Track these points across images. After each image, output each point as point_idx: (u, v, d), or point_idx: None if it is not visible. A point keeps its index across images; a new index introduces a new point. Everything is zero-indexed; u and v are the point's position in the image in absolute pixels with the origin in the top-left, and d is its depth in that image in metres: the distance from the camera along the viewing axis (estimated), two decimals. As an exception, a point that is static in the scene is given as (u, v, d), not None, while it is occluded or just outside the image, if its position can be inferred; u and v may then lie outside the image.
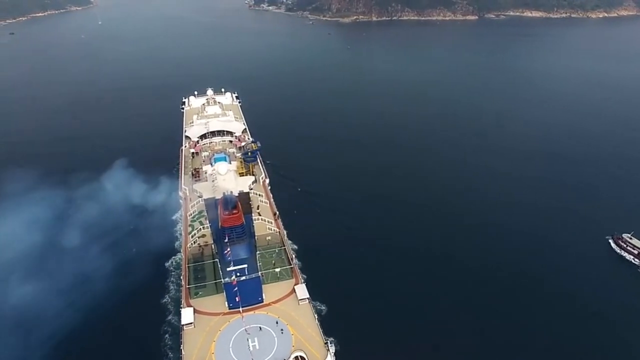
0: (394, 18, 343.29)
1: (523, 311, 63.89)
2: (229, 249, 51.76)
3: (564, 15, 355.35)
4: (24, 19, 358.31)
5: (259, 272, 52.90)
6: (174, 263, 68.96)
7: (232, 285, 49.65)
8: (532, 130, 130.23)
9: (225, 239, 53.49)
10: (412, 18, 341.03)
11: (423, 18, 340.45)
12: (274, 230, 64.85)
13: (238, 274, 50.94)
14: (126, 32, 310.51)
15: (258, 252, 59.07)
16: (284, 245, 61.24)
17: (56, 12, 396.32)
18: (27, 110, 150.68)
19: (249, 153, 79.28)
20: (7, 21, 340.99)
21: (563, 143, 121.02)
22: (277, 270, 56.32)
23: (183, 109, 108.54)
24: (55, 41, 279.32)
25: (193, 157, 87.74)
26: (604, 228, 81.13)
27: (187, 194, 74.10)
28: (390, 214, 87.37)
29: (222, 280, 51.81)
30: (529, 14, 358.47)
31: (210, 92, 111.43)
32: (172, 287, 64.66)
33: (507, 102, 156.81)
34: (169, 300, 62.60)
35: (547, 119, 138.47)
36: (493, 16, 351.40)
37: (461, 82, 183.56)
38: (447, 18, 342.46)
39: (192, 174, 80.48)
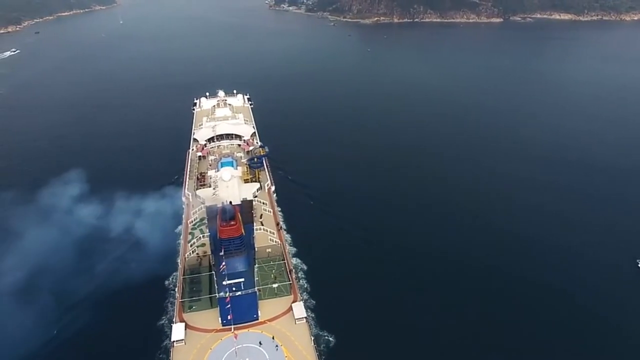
0: (416, 20, 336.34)
1: (539, 325, 60.48)
2: (224, 263, 48.84)
3: (595, 18, 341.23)
4: (50, 18, 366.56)
5: (256, 288, 50.16)
6: (173, 280, 63.35)
7: (226, 300, 46.97)
8: (563, 137, 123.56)
9: (221, 251, 50.66)
10: (435, 20, 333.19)
11: (446, 20, 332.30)
12: (275, 241, 61.92)
13: (234, 289, 48.25)
14: (146, 31, 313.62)
15: (257, 264, 56.14)
16: (285, 259, 58.25)
17: (81, 11, 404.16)
18: (31, 111, 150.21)
19: (255, 159, 76.63)
20: (35, 20, 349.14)
21: (595, 152, 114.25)
22: (275, 285, 53.41)
23: (194, 110, 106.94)
24: (76, 40, 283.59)
25: (200, 160, 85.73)
26: (635, 248, 75.04)
27: (190, 200, 71.97)
28: (412, 229, 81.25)
29: (217, 294, 49.20)
30: (557, 17, 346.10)
31: (221, 93, 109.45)
32: (170, 307, 59.70)
33: (535, 108, 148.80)
34: (167, 322, 57.75)
35: (579, 126, 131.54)
36: (519, 19, 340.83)
37: (483, 86, 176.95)
38: (471, 20, 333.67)
39: (198, 178, 78.34)
